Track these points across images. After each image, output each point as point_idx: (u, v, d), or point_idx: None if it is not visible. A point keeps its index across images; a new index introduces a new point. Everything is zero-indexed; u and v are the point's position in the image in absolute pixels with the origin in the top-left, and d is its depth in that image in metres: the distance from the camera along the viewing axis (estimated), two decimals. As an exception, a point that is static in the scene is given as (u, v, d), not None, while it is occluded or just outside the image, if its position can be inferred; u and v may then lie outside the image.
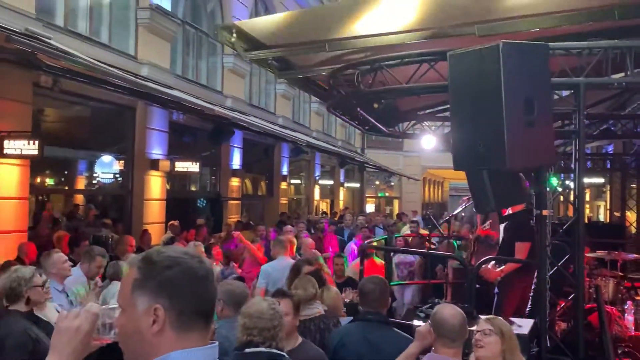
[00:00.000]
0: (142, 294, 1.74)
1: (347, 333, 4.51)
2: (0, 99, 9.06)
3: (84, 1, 11.64)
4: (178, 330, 1.74)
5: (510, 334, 3.98)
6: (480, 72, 5.10)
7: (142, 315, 1.73)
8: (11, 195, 9.36)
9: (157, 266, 1.76)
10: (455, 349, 3.72)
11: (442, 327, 3.73)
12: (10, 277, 4.62)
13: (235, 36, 6.99)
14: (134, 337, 1.76)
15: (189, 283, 1.76)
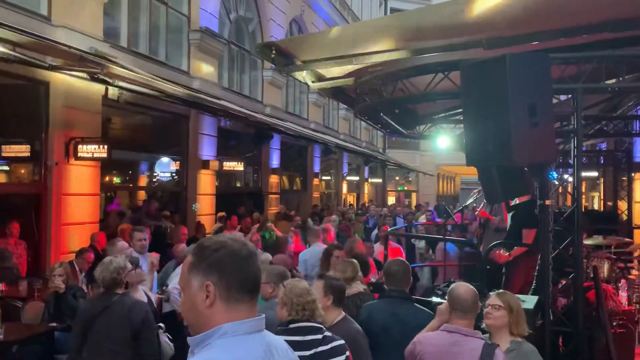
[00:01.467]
0: (195, 274, 1.80)
1: (374, 308, 4.52)
2: (75, 110, 9.20)
3: (144, 25, 11.76)
4: (227, 302, 1.78)
5: (518, 308, 3.94)
6: (489, 80, 5.06)
7: (197, 291, 1.78)
8: (85, 192, 9.51)
9: (207, 250, 1.82)
10: (468, 320, 3.70)
11: (456, 302, 3.73)
12: (109, 269, 4.67)
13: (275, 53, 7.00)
14: (193, 312, 1.80)
15: (233, 262, 1.80)
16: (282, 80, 18.04)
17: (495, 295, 3.98)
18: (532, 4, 5.91)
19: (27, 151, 8.86)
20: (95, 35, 9.52)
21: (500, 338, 3.82)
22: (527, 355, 3.82)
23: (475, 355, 3.50)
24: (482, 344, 3.58)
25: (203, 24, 13.32)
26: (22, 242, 8.89)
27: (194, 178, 13.05)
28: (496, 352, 3.52)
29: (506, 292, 4.13)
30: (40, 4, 8.87)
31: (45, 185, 8.88)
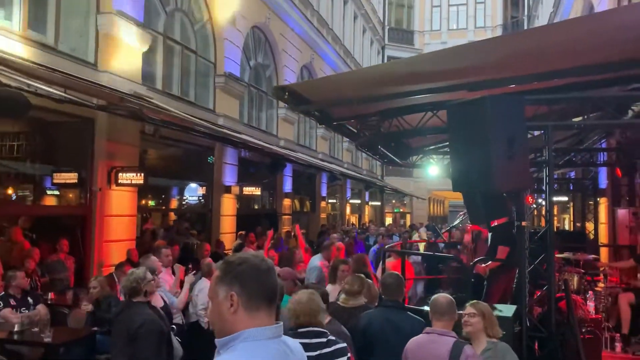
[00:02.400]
0: (221, 286, 1.80)
1: (372, 316, 4.50)
2: (116, 143, 9.26)
3: (176, 71, 11.89)
4: (249, 310, 1.78)
5: (490, 314, 4.08)
6: (471, 118, 5.08)
7: (222, 301, 1.79)
8: (124, 214, 9.53)
9: (232, 265, 1.83)
10: (443, 322, 3.79)
11: (433, 307, 3.87)
12: (130, 279, 4.67)
13: (287, 94, 7.05)
14: (219, 318, 1.81)
15: (254, 275, 1.81)
16: (294, 117, 18.14)
17: (470, 305, 4.11)
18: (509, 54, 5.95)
19: (75, 178, 8.89)
20: (135, 79, 9.63)
21: (479, 341, 3.94)
22: (502, 351, 3.92)
23: (447, 349, 3.60)
24: (453, 341, 3.68)
25: (227, 69, 13.46)
26: (71, 257, 8.92)
27: (218, 201, 13.08)
28: (464, 348, 3.61)
29: (479, 302, 4.24)
30: (88, 53, 9.00)
31: (90, 207, 8.91)
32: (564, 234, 14.00)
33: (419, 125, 7.64)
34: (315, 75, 20.65)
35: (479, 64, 6.19)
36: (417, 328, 4.24)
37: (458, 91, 6.35)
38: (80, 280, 8.78)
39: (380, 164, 30.59)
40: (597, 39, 5.38)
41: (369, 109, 7.90)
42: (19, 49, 7.27)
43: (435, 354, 3.62)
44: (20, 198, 10.07)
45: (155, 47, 10.96)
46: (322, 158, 20.75)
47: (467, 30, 34.50)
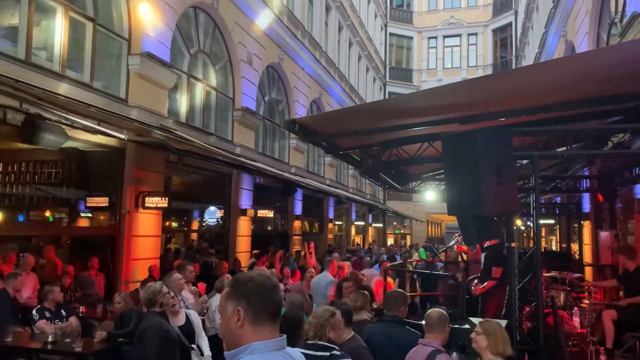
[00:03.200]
0: (230, 302, 1.80)
1: (373, 330, 4.44)
2: (144, 170, 9.33)
3: (198, 105, 12.02)
4: (254, 324, 1.76)
5: (495, 332, 3.88)
6: (463, 148, 5.09)
7: (230, 316, 1.78)
8: (149, 234, 9.55)
9: (239, 282, 1.83)
10: (433, 334, 3.83)
11: (427, 319, 3.91)
12: (148, 291, 4.71)
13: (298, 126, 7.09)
14: (228, 331, 1.80)
15: (260, 292, 1.80)
16: (304, 147, 18.22)
17: (478, 323, 3.99)
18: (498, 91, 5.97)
19: (106, 202, 8.95)
20: (161, 113, 9.74)
21: (484, 357, 3.83)
22: None
23: (423, 357, 3.68)
24: (430, 350, 3.70)
25: (244, 104, 13.60)
26: (101, 274, 8.92)
27: (234, 223, 13.08)
28: (437, 356, 3.64)
29: (488, 320, 4.06)
30: (120, 90, 9.14)
31: (119, 228, 8.94)
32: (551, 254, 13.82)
33: (416, 154, 7.64)
34: (323, 109, 20.81)
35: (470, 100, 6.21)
36: (414, 342, 4.18)
37: (451, 124, 6.36)
38: (109, 294, 8.76)
39: (382, 189, 30.57)
40: (578, 77, 5.40)
41: (371, 139, 7.91)
42: (58, 87, 7.40)
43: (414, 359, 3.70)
44: (57, 220, 10.15)
45: (180, 84, 11.11)
46: (329, 184, 20.77)
47: (461, 69, 34.75)
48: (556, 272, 8.82)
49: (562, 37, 14.91)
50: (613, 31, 10.20)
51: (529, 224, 9.51)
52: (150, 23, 9.58)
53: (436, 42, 35.94)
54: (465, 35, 35.52)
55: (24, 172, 10.14)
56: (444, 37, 35.83)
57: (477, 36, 35.30)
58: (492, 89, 6.04)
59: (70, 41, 8.10)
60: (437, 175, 10.69)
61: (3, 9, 7.29)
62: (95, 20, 8.59)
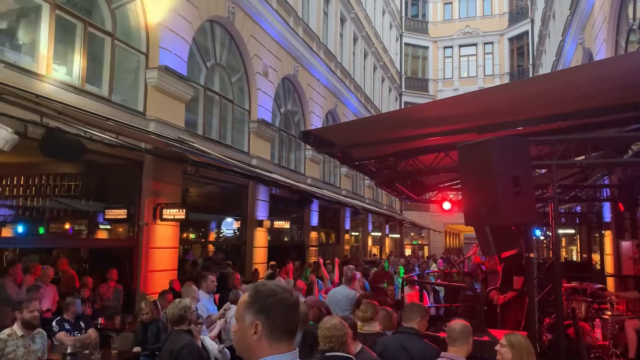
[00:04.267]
0: (249, 312, 1.77)
1: (387, 341, 4.39)
2: (161, 182, 9.39)
3: (215, 118, 12.12)
4: (270, 341, 1.74)
5: (521, 345, 3.80)
6: (480, 158, 5.04)
7: (247, 327, 1.75)
8: (167, 246, 9.59)
9: (260, 294, 1.79)
10: (456, 347, 3.69)
11: (449, 332, 3.76)
12: (178, 307, 4.68)
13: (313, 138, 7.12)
14: (242, 341, 1.78)
15: (281, 309, 1.77)
16: (320, 158, 18.23)
17: (504, 336, 3.89)
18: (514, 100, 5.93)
19: (125, 214, 9.01)
20: (179, 126, 9.82)
21: None
22: None
23: None
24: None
25: (260, 116, 13.68)
26: (119, 285, 8.99)
27: (251, 234, 13.10)
28: None
29: (513, 333, 3.96)
30: (138, 103, 9.24)
31: (137, 240, 9.01)
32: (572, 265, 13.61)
33: (432, 164, 7.61)
34: (339, 120, 20.83)
35: (487, 109, 6.19)
36: (430, 356, 4.12)
37: (468, 133, 6.33)
38: (127, 306, 8.81)
39: (398, 200, 30.42)
40: (596, 84, 5.35)
41: (387, 150, 7.91)
42: (77, 100, 7.52)
43: None
44: (76, 232, 10.27)
45: (197, 97, 11.21)
46: (345, 194, 20.73)
47: (477, 78, 34.59)
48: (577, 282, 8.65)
49: (579, 44, 14.77)
50: (631, 38, 10.08)
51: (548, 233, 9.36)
52: (167, 37, 9.72)
53: (452, 51, 35.86)
54: (481, 44, 35.39)
55: (44, 185, 10.32)
56: (460, 47, 35.74)
57: (494, 45, 35.14)
58: (508, 97, 6.01)
59: (89, 56, 8.25)
60: (454, 185, 10.62)
61: (24, 25, 7.46)
62: (114, 35, 8.73)
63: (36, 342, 5.31)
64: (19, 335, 5.17)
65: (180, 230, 10.10)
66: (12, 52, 7.12)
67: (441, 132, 6.66)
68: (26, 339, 5.21)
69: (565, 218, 15.15)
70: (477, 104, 6.23)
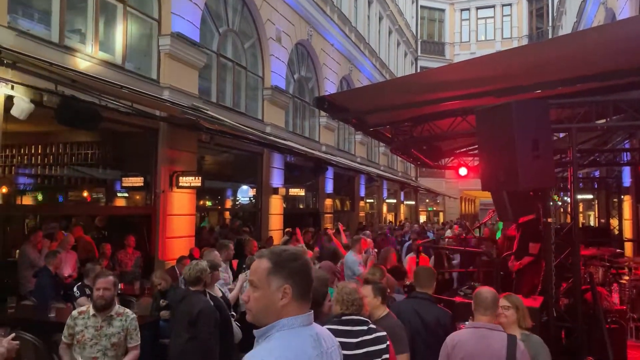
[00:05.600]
0: (275, 278, 1.76)
1: (401, 306, 4.39)
2: (177, 150, 9.43)
3: (229, 85, 12.06)
4: (297, 303, 1.77)
5: (522, 306, 3.88)
6: (498, 122, 4.96)
7: (275, 291, 1.75)
8: (184, 213, 9.69)
9: (285, 259, 1.79)
10: (488, 317, 3.55)
11: (480, 301, 3.59)
12: (195, 269, 4.74)
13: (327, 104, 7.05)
14: (266, 306, 1.76)
15: (304, 271, 1.81)
16: (334, 125, 18.13)
17: (504, 298, 3.88)
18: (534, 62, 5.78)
19: (141, 182, 9.09)
20: (192, 93, 9.79)
21: (512, 332, 3.69)
22: (534, 345, 3.70)
23: (503, 344, 3.36)
24: (506, 335, 3.44)
25: (274, 83, 13.57)
26: (137, 252, 9.14)
27: (266, 201, 13.18)
28: (518, 342, 3.41)
29: (511, 295, 4.01)
30: (152, 71, 9.21)
31: (155, 208, 9.11)
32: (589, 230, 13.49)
33: (449, 129, 7.51)
34: (353, 85, 20.59)
35: (505, 72, 6.05)
36: (443, 320, 4.14)
37: (486, 97, 6.21)
38: (146, 272, 8.98)
39: (414, 167, 30.28)
40: (618, 45, 5.18)
41: (402, 115, 7.82)
42: (91, 69, 7.51)
43: (491, 349, 3.39)
44: (94, 200, 10.41)
45: (210, 64, 11.14)
46: (360, 162, 20.67)
47: (495, 41, 33.78)
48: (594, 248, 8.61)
49: (601, 4, 14.29)
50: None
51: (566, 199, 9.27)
52: (179, 3, 9.59)
53: (469, 14, 34.96)
54: (499, 6, 34.42)
55: (61, 154, 10.42)
56: (477, 9, 34.82)
57: (512, 7, 34.17)
58: (528, 60, 5.86)
59: (102, 23, 8.19)
60: (471, 150, 10.51)
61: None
62: (126, 1, 8.64)
63: (113, 325, 4.37)
64: (91, 314, 4.35)
65: (196, 197, 10.18)
66: (25, 21, 7.09)
67: (458, 96, 6.55)
68: (98, 319, 4.33)
69: (584, 183, 14.98)
70: (495, 67, 6.09)
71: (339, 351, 1.94)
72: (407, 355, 3.77)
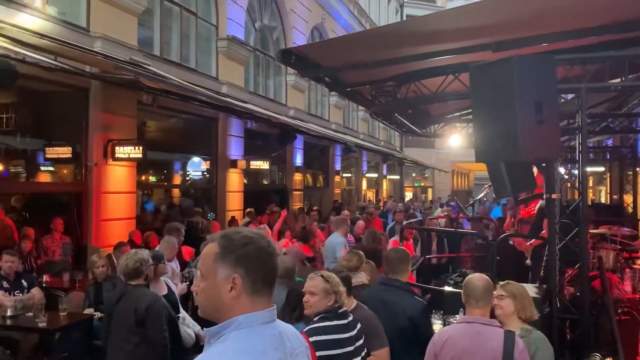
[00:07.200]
0: (222, 265, 1.75)
1: (368, 295, 4.44)
2: (112, 114, 9.30)
3: (175, 35, 11.84)
4: (251, 296, 1.75)
5: (522, 295, 3.91)
6: (496, 81, 4.98)
7: (222, 282, 1.74)
8: (122, 190, 9.61)
9: (236, 243, 1.77)
10: (481, 309, 3.55)
11: (470, 291, 3.60)
12: (133, 259, 4.66)
13: (295, 58, 6.97)
14: (214, 300, 1.76)
15: (260, 258, 1.77)
16: (304, 84, 18.04)
17: (499, 287, 3.94)
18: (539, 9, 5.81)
19: (69, 153, 8.97)
20: (131, 45, 9.60)
21: (511, 325, 3.75)
22: (535, 342, 3.73)
23: (499, 342, 3.39)
24: (502, 331, 3.47)
25: (230, 32, 13.38)
26: (66, 237, 9.00)
27: (223, 176, 13.13)
28: (516, 339, 3.43)
29: (509, 282, 4.02)
30: (80, 17, 8.97)
31: (86, 184, 8.99)
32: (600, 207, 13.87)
33: (439, 90, 7.54)
34: (327, 36, 20.44)
35: (505, 21, 6.07)
36: (415, 312, 4.18)
37: (482, 51, 6.23)
38: (77, 261, 8.88)
39: (399, 135, 30.46)
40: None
41: (385, 73, 7.80)
42: (6, 14, 7.24)
43: (485, 347, 3.40)
44: (12, 175, 10.16)
45: (152, 10, 10.91)
46: (335, 129, 20.67)
47: (494, -14, 33.89)
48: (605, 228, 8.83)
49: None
50: None
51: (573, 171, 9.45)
52: None
53: (464, -48, 34.96)
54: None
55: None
56: (474, -54, 34.79)
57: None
58: (531, 7, 5.88)
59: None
60: (464, 115, 10.60)
61: None
62: None
63: None
64: None
65: (137, 172, 10.10)
66: None
67: (450, 51, 6.55)
68: None
69: (594, 153, 15.29)
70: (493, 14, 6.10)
71: (307, 352, 1.94)
72: (387, 349, 3.84)
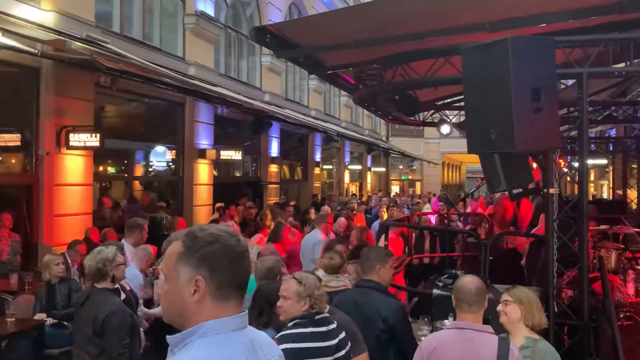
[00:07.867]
0: (185, 265, 1.74)
1: (341, 298, 4.46)
2: (66, 98, 9.21)
3: (137, 10, 11.73)
4: (217, 300, 1.73)
5: (530, 300, 3.92)
6: (490, 64, 5.00)
7: (184, 284, 1.73)
8: (77, 182, 9.53)
9: (200, 241, 1.75)
10: (474, 314, 3.55)
11: (460, 294, 3.60)
12: (96, 259, 4.57)
13: (270, 37, 6.93)
14: (176, 303, 1.75)
15: (228, 258, 1.76)
16: (281, 66, 17.99)
17: (505, 292, 3.99)
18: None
19: (17, 140, 8.89)
20: (87, 20, 9.49)
21: (517, 334, 3.81)
22: (540, 353, 3.76)
23: (493, 351, 3.39)
24: (496, 339, 3.47)
25: (198, 7, 13.29)
26: (15, 234, 8.89)
27: (190, 167, 13.06)
28: (511, 347, 3.44)
29: (515, 287, 4.06)
30: (29, -12, 8.84)
31: (37, 175, 8.91)
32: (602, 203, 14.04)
33: (428, 74, 7.54)
34: (306, 13, 20.39)
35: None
36: (390, 312, 4.19)
37: (475, 32, 6.25)
38: (26, 261, 8.78)
39: (384, 123, 30.53)
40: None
41: (370, 54, 7.81)
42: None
43: (478, 356, 3.42)
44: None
45: (111, -19, 10.79)
46: (315, 116, 20.67)
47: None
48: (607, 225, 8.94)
49: None
50: None
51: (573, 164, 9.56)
52: None
53: None
54: None
55: None
56: None
57: None
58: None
59: None
60: (456, 102, 10.65)
61: None
62: None
63: None
64: None
65: (94, 162, 10.03)
66: None
67: (440, 30, 6.56)
68: None
69: (596, 145, 15.47)
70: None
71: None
72: (367, 354, 3.85)
